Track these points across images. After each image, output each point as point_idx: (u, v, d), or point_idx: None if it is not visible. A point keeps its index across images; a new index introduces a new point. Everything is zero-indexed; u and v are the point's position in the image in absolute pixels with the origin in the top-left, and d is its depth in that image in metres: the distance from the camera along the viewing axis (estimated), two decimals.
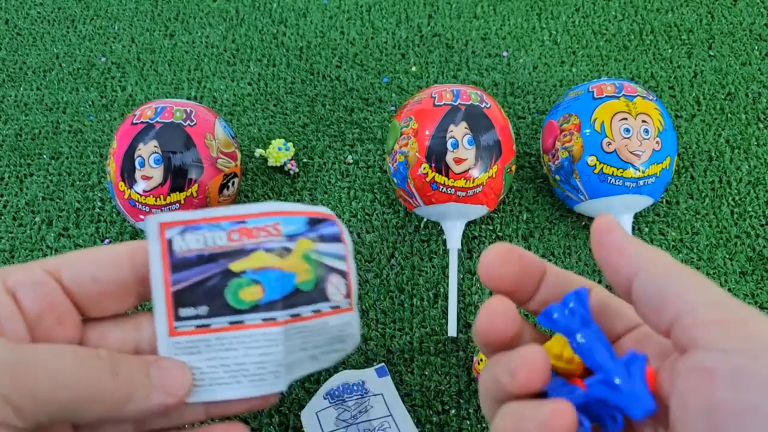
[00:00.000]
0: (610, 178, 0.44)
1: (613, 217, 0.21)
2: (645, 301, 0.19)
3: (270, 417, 0.43)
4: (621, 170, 0.44)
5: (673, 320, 0.18)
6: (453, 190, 0.44)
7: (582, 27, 0.63)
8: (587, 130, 0.45)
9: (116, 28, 0.65)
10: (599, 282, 0.48)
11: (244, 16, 0.65)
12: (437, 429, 0.42)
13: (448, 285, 0.47)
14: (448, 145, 0.44)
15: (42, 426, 0.20)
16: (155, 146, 0.43)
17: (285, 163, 0.53)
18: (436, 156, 0.44)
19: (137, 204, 0.44)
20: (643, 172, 0.44)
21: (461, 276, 0.48)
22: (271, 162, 0.53)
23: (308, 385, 0.44)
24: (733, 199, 0.52)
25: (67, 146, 0.56)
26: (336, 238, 0.25)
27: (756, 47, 0.61)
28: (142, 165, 0.43)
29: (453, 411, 0.42)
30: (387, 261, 0.49)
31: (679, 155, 0.54)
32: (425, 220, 0.50)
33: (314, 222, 0.24)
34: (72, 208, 0.53)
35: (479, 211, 0.47)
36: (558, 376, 0.21)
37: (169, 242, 0.22)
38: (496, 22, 0.64)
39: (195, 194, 0.44)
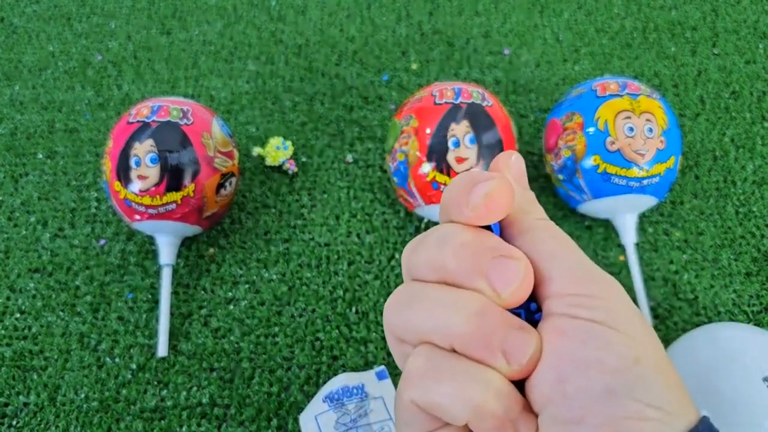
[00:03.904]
0: (613, 177, 0.44)
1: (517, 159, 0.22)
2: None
3: (268, 420, 0.42)
4: (625, 170, 0.43)
5: (538, 280, 0.20)
6: None
7: (584, 24, 0.62)
8: (590, 129, 0.44)
9: (112, 25, 0.64)
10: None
11: (242, 13, 0.65)
12: None
13: None
14: (450, 144, 0.43)
15: None
16: (151, 145, 0.43)
17: (283, 163, 0.53)
18: (437, 155, 0.43)
19: (133, 204, 0.43)
20: (647, 172, 0.44)
21: None
22: (268, 161, 0.52)
23: (307, 389, 0.43)
24: (738, 199, 0.51)
25: (63, 145, 0.55)
26: None
27: (760, 45, 0.60)
28: (138, 164, 0.43)
29: None
30: (387, 262, 0.48)
31: (683, 154, 0.53)
32: (426, 220, 0.50)
33: None
34: (67, 208, 0.52)
35: None
36: None
37: None
38: (497, 20, 0.63)
39: (192, 194, 0.43)
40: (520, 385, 0.19)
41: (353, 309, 0.46)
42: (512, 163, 0.21)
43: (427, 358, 0.19)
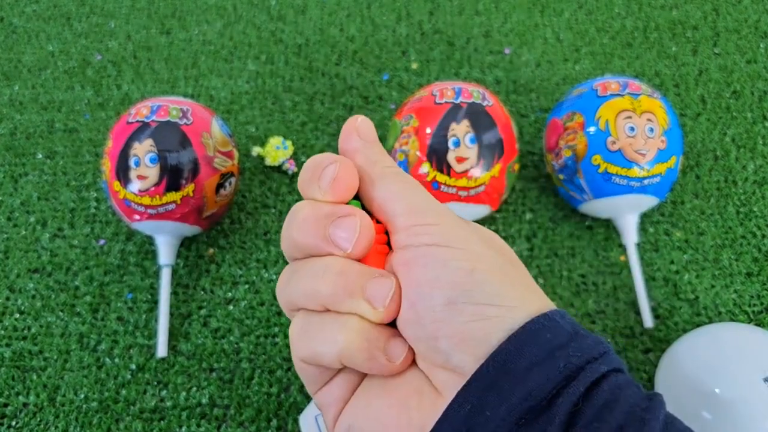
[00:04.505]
0: (614, 177, 0.44)
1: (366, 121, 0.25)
2: (367, 199, 0.24)
3: (268, 421, 0.42)
4: (626, 169, 0.43)
5: (388, 218, 0.23)
6: (455, 189, 0.44)
7: (585, 24, 0.62)
8: (591, 129, 0.44)
9: (112, 25, 0.64)
10: (603, 283, 0.47)
11: (241, 12, 0.64)
12: None
13: None
14: (450, 144, 0.43)
15: None
16: (151, 145, 0.43)
17: (283, 163, 0.52)
18: (438, 155, 0.43)
19: (132, 204, 0.43)
20: (648, 172, 0.43)
21: None
22: (268, 161, 0.52)
23: (307, 390, 0.43)
24: (739, 199, 0.51)
25: (62, 145, 0.55)
26: None
27: (761, 45, 0.60)
28: (138, 164, 0.42)
29: None
30: None
31: (684, 154, 0.53)
32: None
33: None
34: (67, 208, 0.52)
35: (482, 211, 0.46)
36: None
37: None
38: (498, 19, 0.63)
39: (191, 194, 0.43)
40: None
41: None
42: (359, 125, 0.24)
43: (302, 320, 0.22)
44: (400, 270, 0.22)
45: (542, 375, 0.19)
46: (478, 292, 0.20)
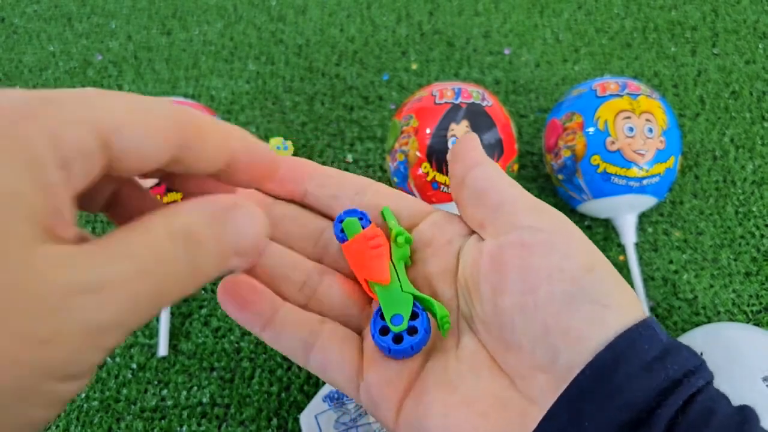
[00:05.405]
0: (613, 177, 0.44)
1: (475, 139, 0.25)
2: (475, 188, 0.23)
3: (268, 420, 0.42)
4: (625, 169, 0.43)
5: (496, 206, 0.22)
6: None
7: (584, 24, 0.62)
8: (590, 129, 0.44)
9: (113, 25, 0.64)
10: None
11: (242, 13, 0.65)
12: None
13: None
14: (449, 144, 0.43)
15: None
16: None
17: None
18: (437, 155, 0.43)
19: None
20: (647, 172, 0.44)
21: None
22: None
23: (307, 389, 0.43)
24: (738, 199, 0.51)
25: None
26: None
27: (760, 45, 0.60)
28: None
29: None
30: None
31: (683, 154, 0.53)
32: None
33: None
34: None
35: None
36: None
37: None
38: (497, 20, 0.63)
39: None
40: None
41: None
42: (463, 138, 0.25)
43: None
44: (515, 251, 0.21)
45: (642, 386, 0.18)
46: (598, 291, 0.20)
